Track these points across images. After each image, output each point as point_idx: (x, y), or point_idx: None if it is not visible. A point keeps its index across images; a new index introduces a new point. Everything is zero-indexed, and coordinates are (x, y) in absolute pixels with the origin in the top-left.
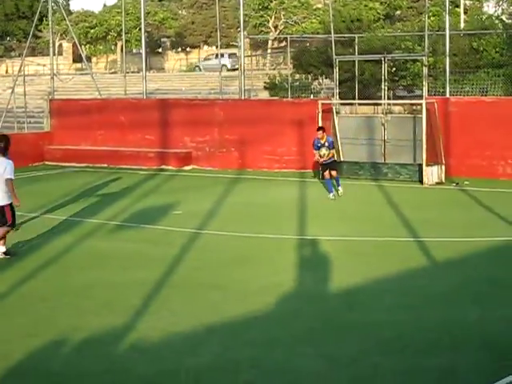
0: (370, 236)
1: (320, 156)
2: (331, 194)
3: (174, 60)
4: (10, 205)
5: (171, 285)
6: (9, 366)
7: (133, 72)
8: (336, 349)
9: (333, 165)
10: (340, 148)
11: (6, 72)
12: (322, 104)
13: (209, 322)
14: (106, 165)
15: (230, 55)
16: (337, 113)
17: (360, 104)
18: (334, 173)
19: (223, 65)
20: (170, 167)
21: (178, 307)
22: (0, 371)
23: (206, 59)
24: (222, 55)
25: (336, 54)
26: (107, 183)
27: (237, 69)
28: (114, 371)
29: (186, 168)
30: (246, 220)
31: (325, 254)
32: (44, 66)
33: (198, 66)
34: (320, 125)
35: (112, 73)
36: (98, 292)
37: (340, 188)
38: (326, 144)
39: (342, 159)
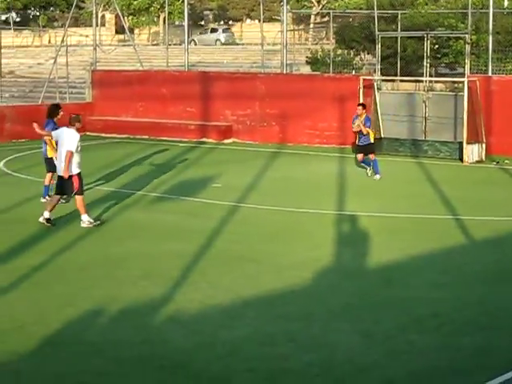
0: (408, 213)
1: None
2: (377, 176)
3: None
4: (77, 174)
5: (209, 257)
6: (46, 334)
7: (175, 44)
8: (372, 325)
9: (369, 148)
10: (380, 124)
11: (49, 42)
12: (364, 80)
13: (246, 295)
14: (146, 136)
15: (224, 30)
16: (378, 89)
17: (402, 81)
18: (371, 156)
19: (217, 39)
20: (210, 140)
21: (215, 280)
22: (38, 339)
23: (201, 33)
24: (216, 30)
25: (379, 30)
26: (148, 155)
27: (230, 43)
28: (151, 342)
29: (227, 141)
30: (285, 194)
31: (363, 230)
32: (86, 36)
33: (193, 40)
34: (361, 101)
35: (154, 45)
36: (135, 263)
37: (369, 170)
38: (363, 122)
39: (382, 136)
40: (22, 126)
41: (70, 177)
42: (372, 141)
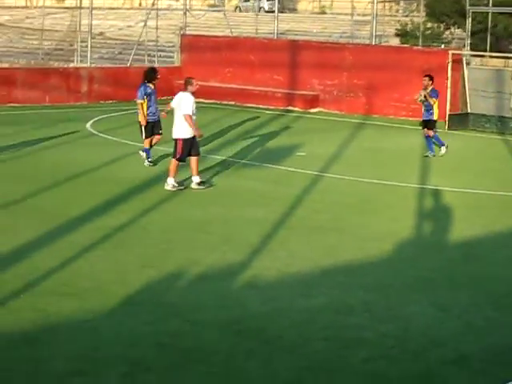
0: (492, 190)
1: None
2: (443, 148)
3: (306, 1)
4: (184, 140)
5: (289, 226)
6: (126, 294)
7: (265, 11)
8: (448, 299)
9: (429, 124)
10: (468, 99)
11: (140, 5)
12: (453, 54)
13: (324, 264)
14: (233, 102)
15: None
16: (467, 64)
17: (491, 56)
18: (430, 132)
19: (261, 7)
20: (296, 108)
21: (294, 248)
22: (117, 299)
23: (245, 0)
24: None
25: (470, 5)
26: (233, 121)
27: (273, 11)
28: (229, 307)
29: (313, 110)
30: (369, 166)
31: (445, 205)
32: (177, 0)
33: (238, 7)
34: (429, 73)
35: (244, 11)
36: (217, 228)
37: (430, 152)
38: (429, 94)
39: (469, 111)
40: (109, 87)
41: (193, 138)
42: (434, 118)
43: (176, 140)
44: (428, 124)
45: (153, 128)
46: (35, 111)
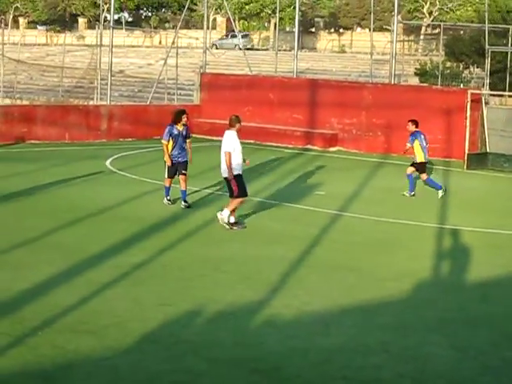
0: (511, 230)
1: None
2: (440, 192)
3: (326, 40)
4: (236, 176)
5: (308, 264)
6: (145, 331)
7: (284, 50)
8: (466, 340)
9: (418, 167)
10: (487, 139)
11: (160, 43)
12: (472, 94)
13: (342, 303)
14: (252, 141)
15: (243, 36)
16: (486, 103)
17: (510, 96)
18: (423, 176)
19: (236, 44)
20: (315, 147)
21: (313, 287)
22: (136, 336)
23: (221, 39)
24: (236, 36)
25: (489, 44)
26: (252, 160)
27: (248, 49)
28: (247, 345)
29: (332, 149)
30: (388, 205)
31: (464, 245)
32: (197, 39)
33: (214, 44)
34: (413, 119)
35: (264, 49)
36: (234, 266)
37: (408, 192)
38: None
39: (487, 150)
40: (129, 125)
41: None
42: (418, 160)
43: (226, 178)
44: (417, 168)
45: (177, 169)
46: (55, 148)
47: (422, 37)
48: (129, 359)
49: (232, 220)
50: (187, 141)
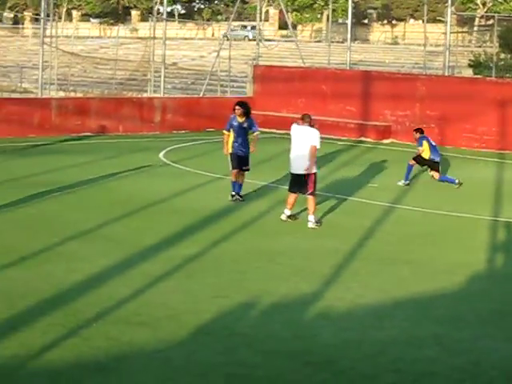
0: None
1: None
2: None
3: (379, 32)
4: (315, 174)
5: (361, 257)
6: (198, 323)
7: (337, 42)
8: None
9: (431, 167)
10: None
11: (212, 35)
12: None
13: (396, 296)
14: None
15: (252, 28)
16: None
17: None
18: (435, 175)
19: (245, 36)
20: (368, 139)
21: (366, 279)
22: (189, 328)
23: (232, 30)
24: (246, 27)
25: None
26: None
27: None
28: (301, 337)
29: (385, 141)
30: (441, 197)
31: None
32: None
33: (226, 36)
34: (418, 127)
35: (316, 41)
36: (288, 258)
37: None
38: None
39: None
40: (182, 117)
41: (307, 175)
42: (426, 156)
43: (305, 175)
44: (429, 165)
45: (240, 162)
46: (108, 141)
47: (475, 28)
48: (182, 351)
49: (288, 213)
50: (252, 133)
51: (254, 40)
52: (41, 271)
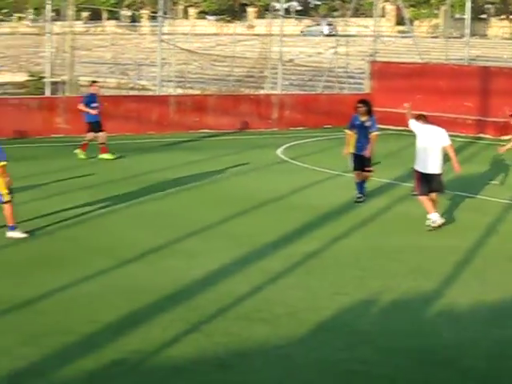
0: None
1: None
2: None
3: (497, 27)
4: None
5: (483, 255)
6: (319, 320)
7: (454, 37)
8: None
9: None
10: None
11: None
12: None
13: None
14: None
15: (328, 23)
16: None
17: None
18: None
19: (321, 31)
20: (487, 136)
21: (488, 278)
22: (309, 325)
23: (308, 26)
24: (320, 23)
25: None
26: None
27: (333, 35)
28: (422, 335)
29: (505, 138)
30: None
31: None
32: (366, 27)
33: (303, 32)
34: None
35: (433, 37)
36: (408, 256)
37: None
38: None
39: None
40: (300, 114)
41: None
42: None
43: (439, 175)
44: None
45: (362, 163)
46: (226, 137)
47: None
48: (302, 349)
49: (437, 219)
50: (371, 133)
51: (329, 35)
52: (162, 267)
